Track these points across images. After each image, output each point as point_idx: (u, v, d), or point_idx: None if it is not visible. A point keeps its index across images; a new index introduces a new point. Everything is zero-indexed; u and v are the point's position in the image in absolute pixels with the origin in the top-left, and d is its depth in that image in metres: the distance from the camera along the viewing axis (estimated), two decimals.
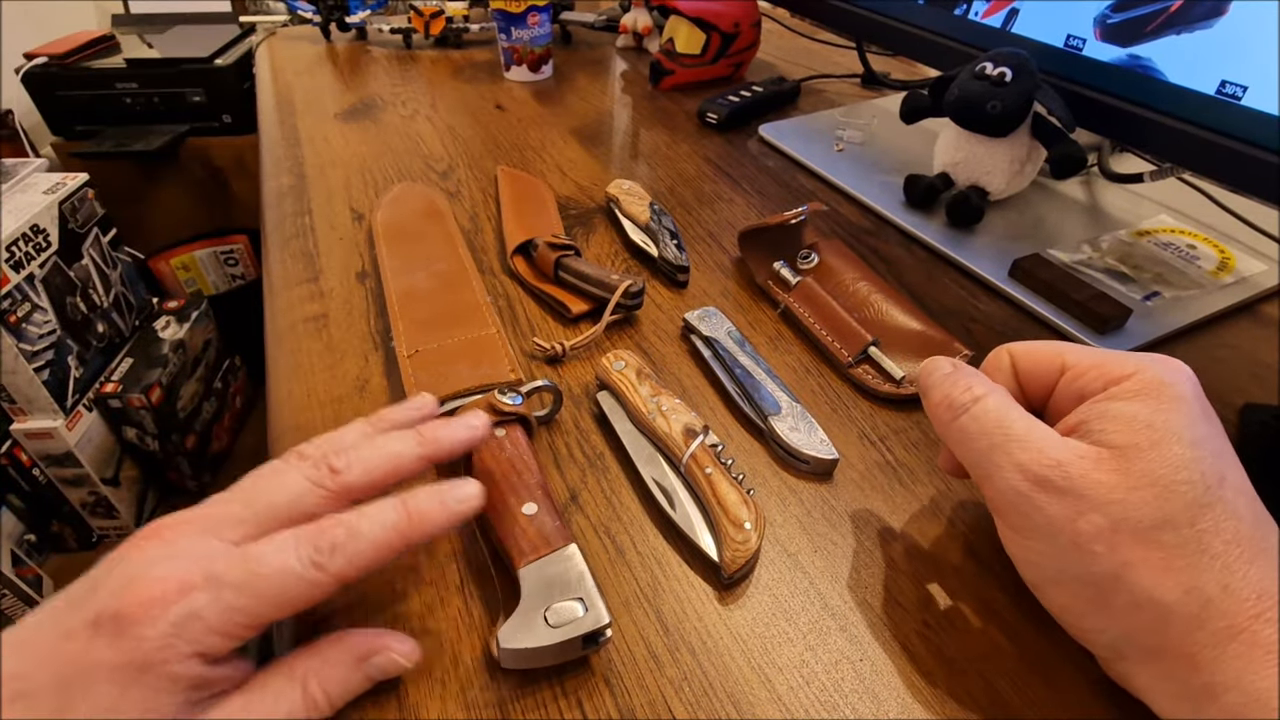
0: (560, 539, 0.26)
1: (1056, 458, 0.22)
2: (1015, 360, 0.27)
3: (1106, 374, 0.23)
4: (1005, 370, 0.27)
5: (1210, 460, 0.21)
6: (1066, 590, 0.23)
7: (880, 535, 0.30)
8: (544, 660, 0.24)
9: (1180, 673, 0.20)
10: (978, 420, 0.24)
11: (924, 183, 0.50)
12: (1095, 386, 0.23)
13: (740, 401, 0.35)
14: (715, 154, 0.60)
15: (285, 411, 0.35)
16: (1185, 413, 0.21)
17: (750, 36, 0.72)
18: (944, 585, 0.28)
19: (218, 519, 0.22)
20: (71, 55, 1.22)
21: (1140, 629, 0.21)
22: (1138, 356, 0.23)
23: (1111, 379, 0.23)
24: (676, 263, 0.43)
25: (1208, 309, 0.41)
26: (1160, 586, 0.20)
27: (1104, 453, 0.21)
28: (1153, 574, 0.20)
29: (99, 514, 1.10)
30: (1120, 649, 0.22)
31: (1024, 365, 0.26)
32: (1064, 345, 0.26)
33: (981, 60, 0.44)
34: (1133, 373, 0.22)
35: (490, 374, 0.34)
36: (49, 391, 0.95)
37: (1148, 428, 0.21)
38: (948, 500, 0.31)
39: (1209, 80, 0.37)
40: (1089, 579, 0.21)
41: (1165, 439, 0.21)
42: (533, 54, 0.73)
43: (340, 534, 0.21)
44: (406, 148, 0.59)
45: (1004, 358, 0.27)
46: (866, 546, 0.29)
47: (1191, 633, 0.19)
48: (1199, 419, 0.22)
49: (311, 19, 0.86)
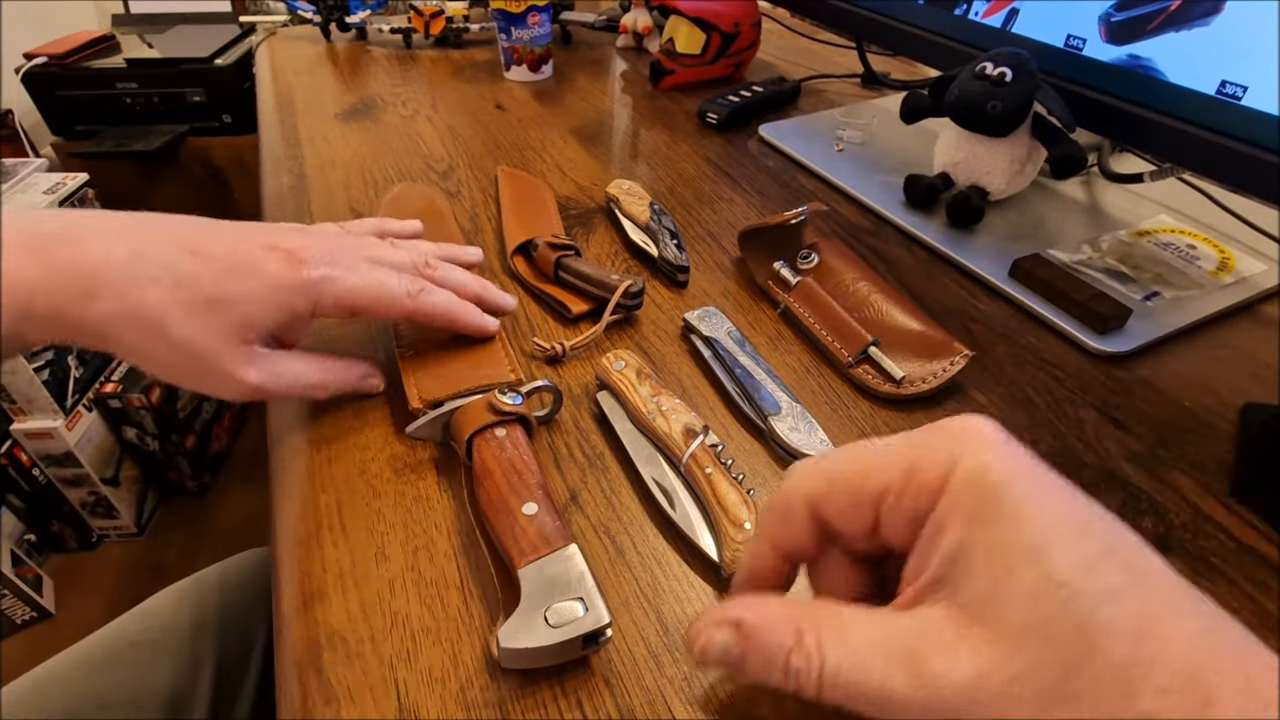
0: (560, 539, 0.26)
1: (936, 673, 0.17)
2: (819, 509, 0.20)
3: (925, 485, 0.18)
4: (801, 521, 0.21)
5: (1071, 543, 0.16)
6: None
7: None
8: (544, 660, 0.24)
9: None
10: (836, 691, 0.18)
11: (924, 183, 0.50)
12: (921, 504, 0.18)
13: (740, 401, 0.35)
14: (715, 154, 0.60)
15: (285, 411, 0.35)
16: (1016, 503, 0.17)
17: (750, 36, 0.72)
18: None
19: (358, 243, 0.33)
20: (71, 55, 1.22)
21: None
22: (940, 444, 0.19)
23: (932, 491, 0.18)
24: (676, 263, 0.43)
25: (1208, 309, 0.41)
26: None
27: (966, 621, 0.17)
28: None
29: (99, 514, 1.10)
30: None
31: (833, 511, 0.20)
32: (862, 464, 0.20)
33: (982, 60, 0.44)
34: (947, 473, 0.18)
35: (490, 375, 0.34)
36: (49, 391, 0.95)
37: (990, 560, 0.17)
38: None
39: (1209, 80, 0.37)
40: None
41: (1015, 562, 0.16)
42: (533, 54, 0.73)
43: (427, 287, 0.33)
44: (407, 148, 0.59)
45: (799, 510, 0.21)
46: None
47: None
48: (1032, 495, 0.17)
49: (311, 19, 0.86)
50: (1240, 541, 0.30)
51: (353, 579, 0.27)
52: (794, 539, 0.21)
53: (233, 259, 0.29)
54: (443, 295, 0.33)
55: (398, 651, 0.25)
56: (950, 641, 0.17)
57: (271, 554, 0.29)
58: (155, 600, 0.46)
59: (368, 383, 0.34)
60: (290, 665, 0.25)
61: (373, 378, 0.34)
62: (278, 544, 0.29)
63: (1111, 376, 0.38)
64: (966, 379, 0.37)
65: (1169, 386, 0.37)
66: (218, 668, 0.43)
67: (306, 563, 0.28)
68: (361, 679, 0.24)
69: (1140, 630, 0.15)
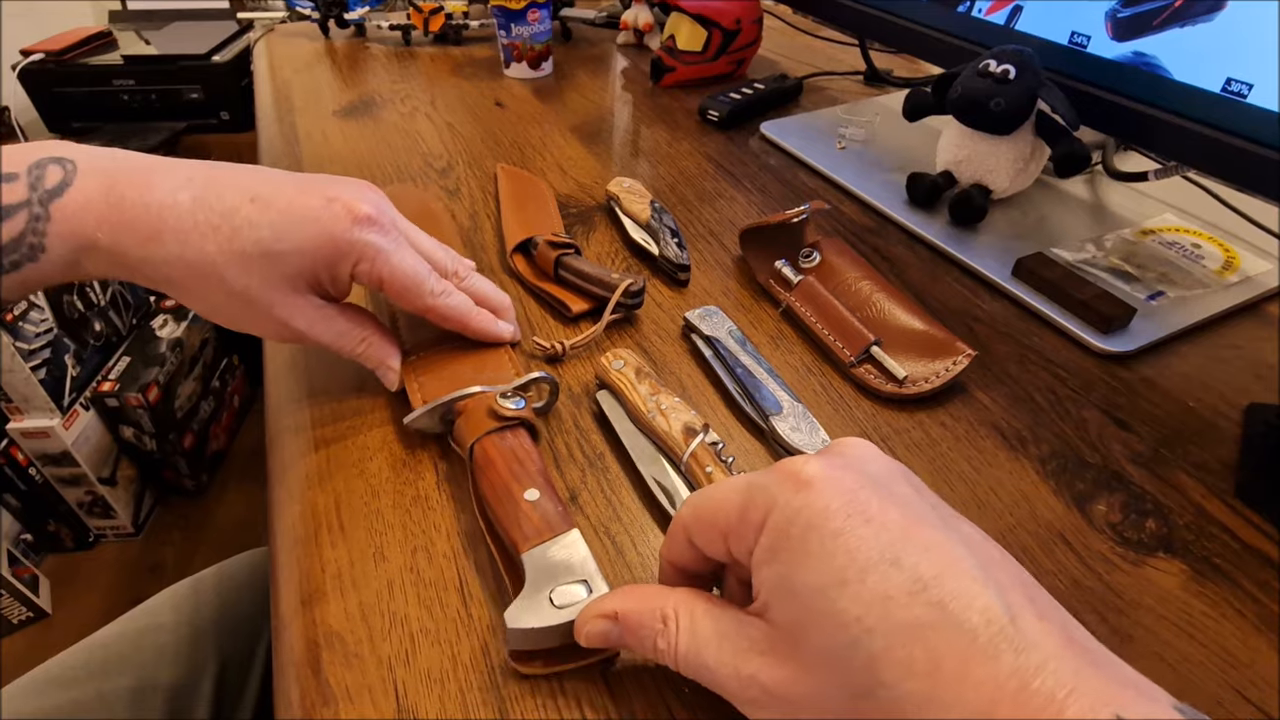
0: (563, 524, 0.26)
1: (749, 672, 0.19)
2: (691, 535, 0.22)
3: (751, 524, 0.20)
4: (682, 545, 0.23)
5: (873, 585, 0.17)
6: None
7: None
8: (549, 641, 0.24)
9: None
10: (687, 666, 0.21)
11: (927, 181, 0.50)
12: (748, 543, 0.20)
13: (741, 401, 0.35)
14: (716, 152, 0.60)
15: (283, 410, 0.35)
16: (819, 546, 0.18)
17: (752, 33, 0.72)
18: None
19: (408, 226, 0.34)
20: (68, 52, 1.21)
21: None
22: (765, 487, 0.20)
23: (754, 530, 0.20)
24: (677, 261, 0.43)
25: (1212, 309, 0.41)
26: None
27: (777, 638, 0.19)
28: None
29: (96, 513, 1.09)
30: None
31: (700, 541, 0.22)
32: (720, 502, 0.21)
33: (985, 57, 0.44)
34: (764, 517, 0.19)
35: (493, 378, 0.34)
36: (46, 390, 0.94)
37: (792, 595, 0.18)
38: (950, 503, 0.31)
39: (1214, 78, 0.37)
40: None
41: (814, 597, 0.18)
42: (533, 51, 0.72)
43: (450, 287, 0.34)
44: (405, 145, 0.59)
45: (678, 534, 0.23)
46: None
47: None
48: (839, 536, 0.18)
49: (310, 15, 0.86)
50: (1244, 542, 0.30)
51: (351, 579, 0.27)
52: (681, 558, 0.23)
53: (292, 209, 0.29)
54: (461, 299, 0.34)
55: (396, 652, 0.25)
56: (763, 651, 0.19)
57: (270, 554, 0.29)
58: (154, 602, 0.45)
59: (387, 375, 0.34)
60: (288, 665, 0.25)
61: (392, 372, 0.34)
62: (276, 544, 0.29)
63: (1115, 376, 0.38)
64: (969, 379, 0.37)
65: (1173, 386, 0.37)
66: (220, 669, 0.43)
67: (305, 563, 0.28)
68: (360, 680, 0.24)
69: (936, 667, 0.16)
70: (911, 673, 0.16)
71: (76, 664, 0.41)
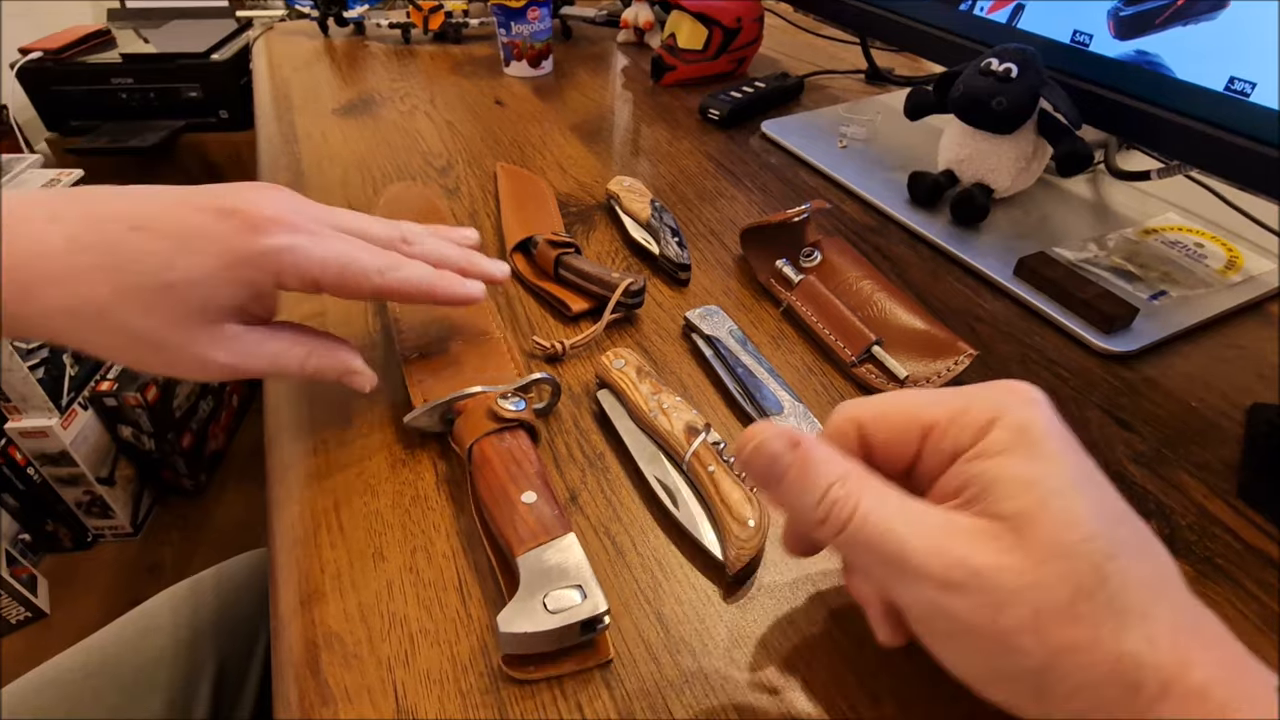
0: (559, 527, 0.26)
1: (957, 554, 0.19)
2: (868, 429, 0.22)
3: (970, 424, 0.21)
4: (852, 441, 0.23)
5: (1096, 497, 0.19)
6: (1003, 688, 0.20)
7: None
8: (542, 645, 0.24)
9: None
10: (861, 532, 0.20)
11: (928, 180, 0.50)
12: (963, 441, 0.21)
13: (742, 401, 0.34)
14: (717, 150, 0.59)
15: (282, 410, 0.34)
16: (1056, 452, 0.19)
17: (753, 32, 0.71)
18: None
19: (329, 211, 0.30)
20: (67, 50, 1.21)
21: (1086, 709, 0.19)
22: (992, 394, 0.21)
23: (977, 429, 0.20)
24: (678, 260, 0.43)
25: (1215, 308, 0.41)
26: (1094, 664, 0.18)
27: (999, 529, 0.19)
28: (1083, 653, 0.18)
29: (94, 513, 1.09)
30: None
31: (883, 435, 0.22)
32: (914, 399, 0.22)
33: (987, 56, 0.44)
34: (994, 418, 0.20)
35: (494, 378, 0.33)
36: (44, 389, 0.94)
37: (1030, 487, 0.19)
38: None
39: (1217, 76, 0.37)
40: (1023, 674, 0.19)
41: (1050, 494, 0.19)
42: (533, 49, 0.72)
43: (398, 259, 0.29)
44: (405, 144, 0.59)
45: (849, 429, 0.23)
46: None
47: (1132, 701, 0.18)
48: (1069, 452, 0.20)
49: (309, 14, 0.85)
50: (1246, 543, 0.29)
51: (350, 580, 0.27)
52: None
53: (182, 232, 0.25)
54: (415, 268, 0.30)
55: (395, 653, 0.25)
56: (976, 536, 0.19)
57: (269, 554, 0.29)
58: (153, 604, 0.45)
59: (354, 379, 0.31)
60: (287, 666, 0.25)
61: (359, 375, 0.31)
62: (275, 544, 0.29)
63: (1117, 376, 0.37)
64: (970, 378, 0.37)
65: (1175, 386, 0.37)
66: (218, 670, 0.43)
67: (304, 563, 0.28)
68: (359, 680, 0.24)
69: (1144, 583, 0.18)
70: (1129, 583, 0.18)
71: (75, 665, 0.41)
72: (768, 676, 0.24)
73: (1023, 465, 0.19)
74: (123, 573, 1.10)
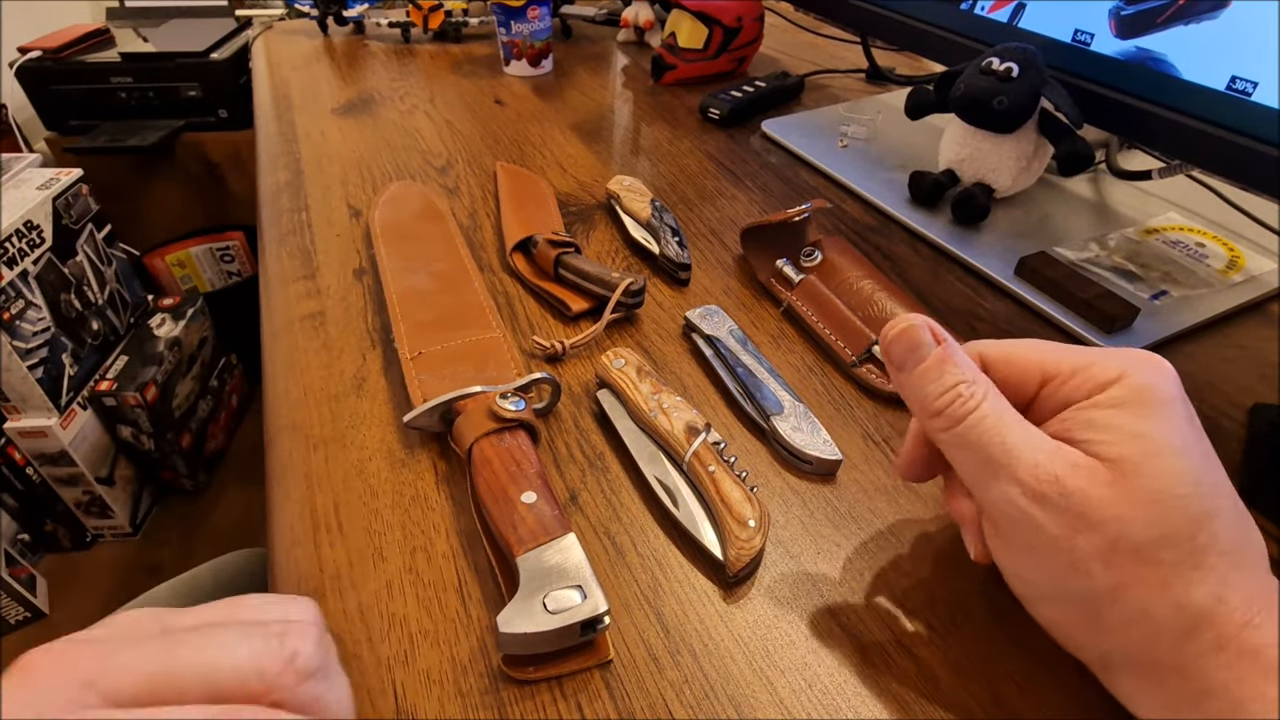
0: (559, 528, 0.26)
1: (1055, 472, 0.20)
2: (990, 366, 0.24)
3: (1092, 379, 0.22)
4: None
5: (1204, 468, 0.20)
6: (1058, 607, 0.22)
7: (884, 536, 0.29)
8: (542, 646, 0.24)
9: (1170, 682, 0.20)
10: (974, 430, 0.22)
11: (929, 179, 0.49)
12: (1081, 393, 0.22)
13: (742, 401, 0.34)
14: (717, 150, 0.59)
15: (282, 409, 0.34)
16: (1173, 419, 0.21)
17: (753, 31, 0.71)
18: (949, 587, 0.27)
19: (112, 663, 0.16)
20: (66, 49, 1.21)
21: (1132, 643, 0.20)
22: (1120, 357, 0.22)
23: (1097, 384, 0.22)
24: (678, 260, 0.43)
25: (1216, 308, 0.41)
26: (1156, 604, 0.19)
27: (1100, 466, 0.20)
28: (1149, 591, 0.19)
29: (93, 513, 1.09)
30: (1111, 661, 0.22)
31: (1002, 373, 0.24)
32: (1040, 347, 0.24)
33: (988, 55, 0.44)
34: (1117, 377, 0.21)
35: (495, 377, 0.33)
36: (43, 389, 0.94)
37: (1139, 438, 0.20)
38: None
39: (1219, 76, 0.37)
40: (1083, 597, 0.21)
41: (1159, 450, 0.20)
42: (533, 48, 0.72)
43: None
44: (404, 143, 0.59)
45: (976, 362, 0.24)
46: (870, 548, 0.29)
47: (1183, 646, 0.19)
48: (1186, 423, 0.21)
49: (309, 13, 0.85)
50: None
51: (350, 580, 0.27)
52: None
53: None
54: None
55: (395, 653, 0.25)
56: (1078, 466, 0.20)
57: (268, 554, 0.29)
58: (149, 597, 0.45)
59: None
60: None
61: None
62: (274, 544, 0.29)
63: None
64: None
65: None
66: None
67: (303, 564, 0.27)
68: (359, 680, 0.24)
69: (1229, 551, 0.19)
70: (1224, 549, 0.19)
71: None
72: (768, 677, 0.24)
73: (1135, 420, 0.20)
74: (122, 573, 1.10)
